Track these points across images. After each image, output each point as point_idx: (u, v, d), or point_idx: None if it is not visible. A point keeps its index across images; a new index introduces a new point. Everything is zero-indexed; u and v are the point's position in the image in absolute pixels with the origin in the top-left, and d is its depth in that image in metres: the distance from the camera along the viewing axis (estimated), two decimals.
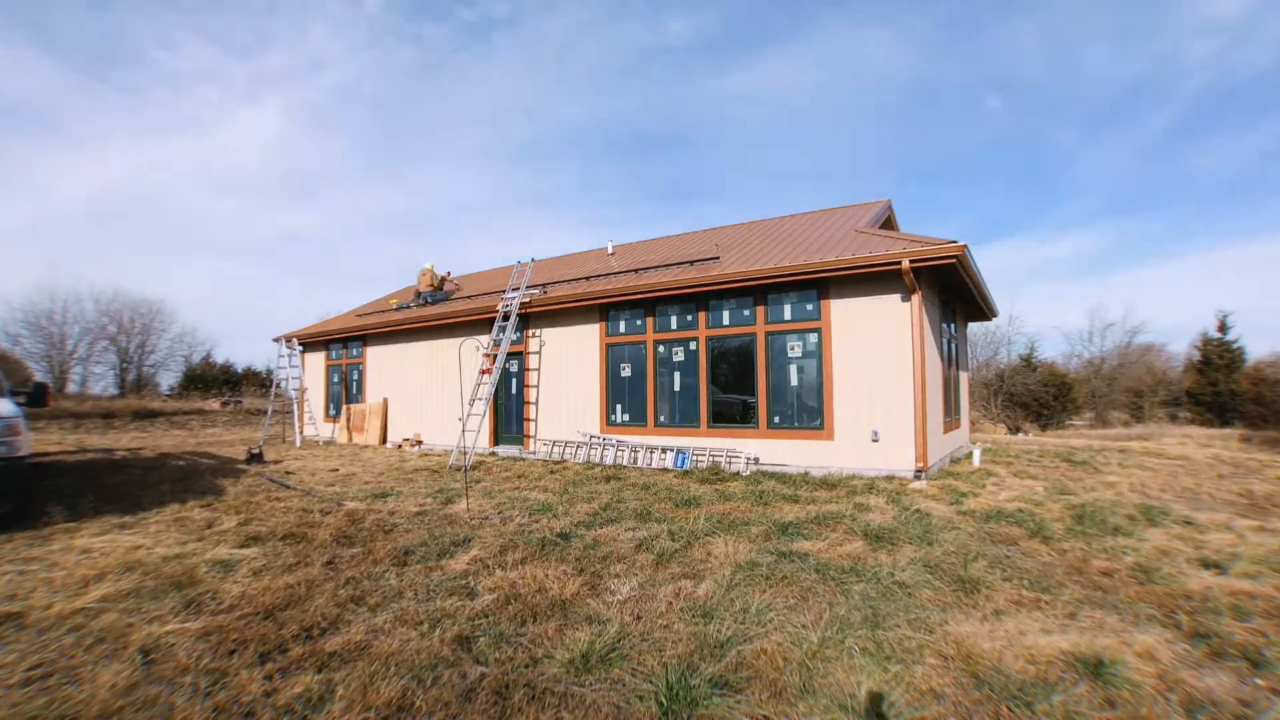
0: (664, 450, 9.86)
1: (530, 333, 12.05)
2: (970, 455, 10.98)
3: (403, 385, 14.44)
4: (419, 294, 15.37)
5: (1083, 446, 14.31)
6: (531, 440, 11.79)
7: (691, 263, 10.78)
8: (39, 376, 31.28)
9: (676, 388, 10.20)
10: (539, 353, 11.88)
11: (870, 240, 9.11)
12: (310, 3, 49.18)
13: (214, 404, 26.75)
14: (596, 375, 11.04)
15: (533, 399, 11.87)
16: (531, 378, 11.95)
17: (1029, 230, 63.81)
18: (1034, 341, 40.43)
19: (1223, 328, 30.51)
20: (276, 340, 17.11)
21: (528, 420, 11.95)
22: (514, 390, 12.36)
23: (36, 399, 6.72)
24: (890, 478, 7.96)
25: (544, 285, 12.55)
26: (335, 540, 4.96)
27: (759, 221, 13.46)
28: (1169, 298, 56.35)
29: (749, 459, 9.16)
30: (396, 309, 15.81)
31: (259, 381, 34.41)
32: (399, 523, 5.64)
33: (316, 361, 17.14)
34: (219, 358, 39.36)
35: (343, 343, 16.38)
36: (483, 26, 56.11)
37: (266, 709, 2.43)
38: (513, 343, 12.11)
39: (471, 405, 10.82)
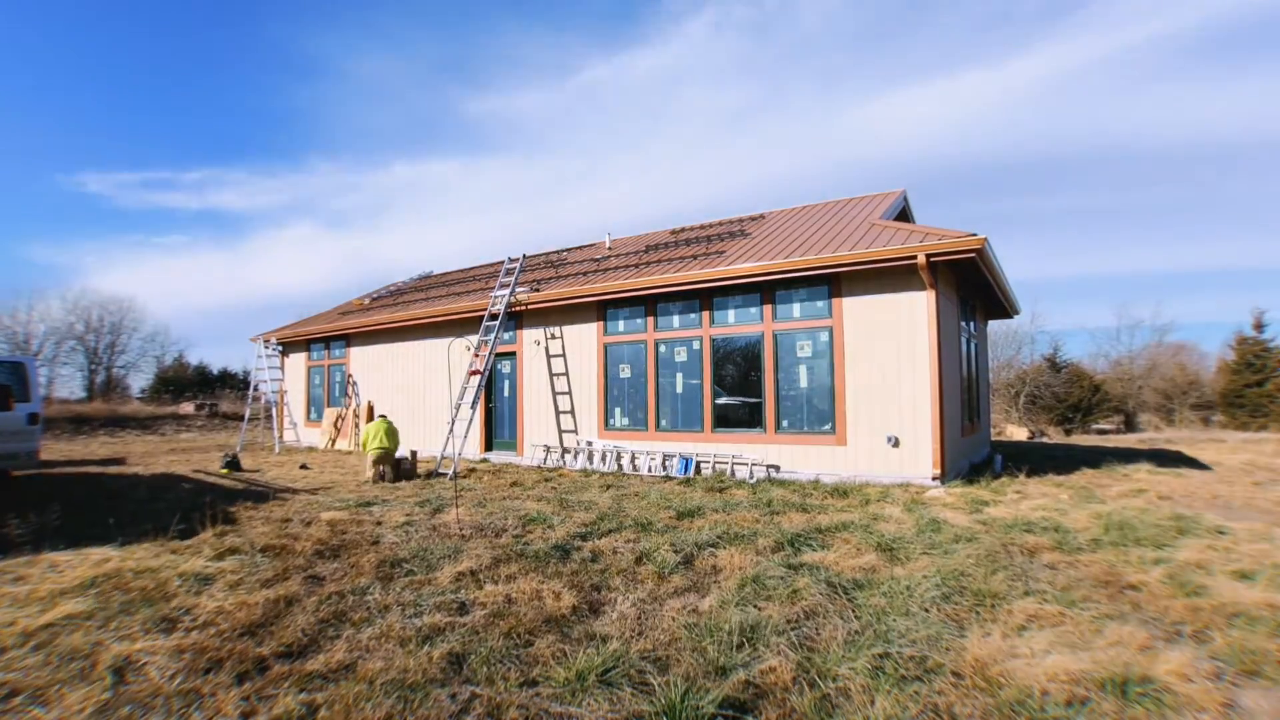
0: (666, 456, 9.86)
1: (523, 333, 12.06)
2: (991, 460, 10.99)
3: (388, 388, 14.44)
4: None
5: (1110, 451, 14.31)
6: (525, 445, 11.80)
7: (695, 257, 10.78)
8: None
9: (679, 390, 10.21)
10: (533, 354, 11.88)
11: (884, 233, 9.11)
12: None
13: (188, 408, 26.75)
14: (594, 377, 11.04)
15: (526, 402, 11.88)
16: (525, 380, 11.95)
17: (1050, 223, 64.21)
18: (1058, 341, 40.48)
19: (1259, 326, 30.53)
20: (255, 340, 17.13)
21: (521, 424, 11.95)
22: (506, 393, 12.36)
23: None
24: (906, 485, 7.96)
25: (537, 282, 12.55)
26: (317, 552, 4.96)
27: (766, 213, 13.46)
28: (1200, 294, 56.64)
29: (756, 465, 9.17)
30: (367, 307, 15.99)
31: (236, 384, 34.39)
32: (384, 534, 5.64)
33: (297, 363, 17.15)
34: (193, 359, 39.37)
35: (324, 343, 16.39)
36: None
37: None
38: (505, 343, 12.11)
39: (459, 409, 10.83)
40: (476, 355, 11.30)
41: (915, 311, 8.22)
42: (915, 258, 7.81)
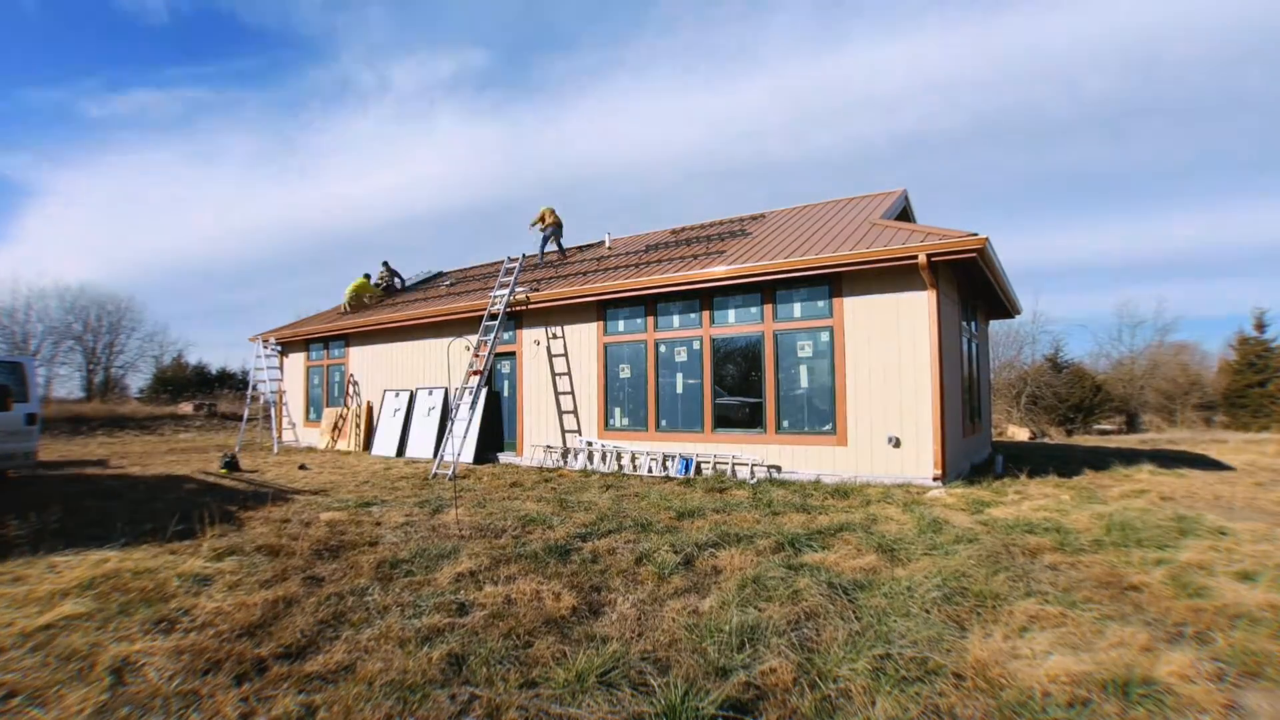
0: (666, 456, 9.86)
1: (523, 332, 12.06)
2: (992, 461, 10.99)
3: (388, 387, 14.43)
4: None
5: (1112, 451, 14.31)
6: (525, 446, 11.80)
7: (695, 257, 10.79)
8: None
9: (679, 390, 10.21)
10: (533, 354, 11.88)
11: (885, 233, 9.11)
12: None
13: (186, 408, 26.75)
14: (594, 377, 11.04)
15: (526, 403, 11.88)
16: (525, 380, 11.95)
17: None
18: (1060, 341, 40.47)
19: (1260, 326, 30.52)
20: (253, 340, 17.13)
21: (521, 425, 11.95)
22: (506, 393, 12.37)
23: None
24: (907, 486, 7.96)
25: (537, 281, 12.56)
26: (316, 553, 4.96)
27: (767, 212, 13.46)
28: (1202, 291, 56.50)
29: (756, 465, 9.16)
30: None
31: (234, 384, 34.40)
32: (384, 534, 5.64)
33: (296, 363, 17.15)
34: (191, 358, 39.35)
35: (324, 343, 16.39)
36: None
37: None
38: (505, 343, 12.12)
39: (458, 410, 10.83)
40: (476, 355, 11.30)
41: (916, 311, 8.22)
42: (916, 258, 7.81)
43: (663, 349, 10.41)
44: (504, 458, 12.04)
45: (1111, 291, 63.58)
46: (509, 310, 11.54)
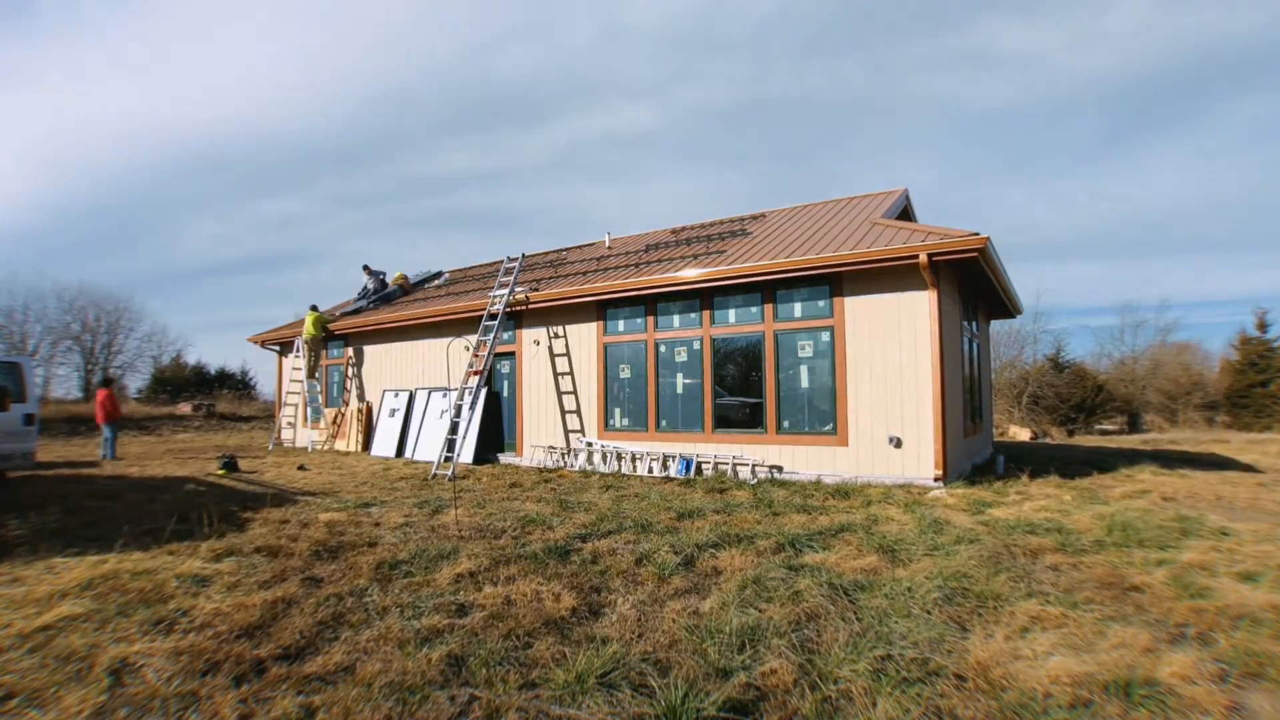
0: (666, 457, 9.86)
1: (522, 332, 12.06)
2: (994, 461, 10.99)
3: (387, 388, 14.43)
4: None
5: (1114, 452, 14.31)
6: (525, 446, 11.80)
7: (695, 256, 10.79)
8: None
9: (679, 390, 10.21)
10: (532, 354, 11.88)
11: (885, 232, 9.11)
12: None
13: (185, 408, 26.75)
14: (594, 377, 11.04)
15: (525, 403, 11.88)
16: (524, 380, 11.95)
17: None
18: (1061, 341, 40.43)
19: (1262, 325, 30.52)
20: (251, 340, 17.15)
21: (520, 425, 11.95)
22: (505, 394, 12.37)
23: None
24: (908, 486, 7.96)
25: (536, 281, 12.56)
26: (314, 553, 4.96)
27: (767, 212, 13.46)
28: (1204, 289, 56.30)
29: (757, 466, 9.16)
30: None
31: (233, 384, 34.41)
32: (383, 535, 5.64)
33: (296, 363, 17.13)
34: (190, 358, 39.34)
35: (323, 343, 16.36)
36: None
37: None
38: (504, 343, 12.12)
39: (458, 410, 10.83)
40: (476, 355, 11.30)
41: (917, 311, 8.22)
42: (917, 257, 7.81)
43: (663, 349, 10.41)
44: (504, 458, 12.04)
45: (1114, 289, 63.43)
46: (509, 310, 11.54)
